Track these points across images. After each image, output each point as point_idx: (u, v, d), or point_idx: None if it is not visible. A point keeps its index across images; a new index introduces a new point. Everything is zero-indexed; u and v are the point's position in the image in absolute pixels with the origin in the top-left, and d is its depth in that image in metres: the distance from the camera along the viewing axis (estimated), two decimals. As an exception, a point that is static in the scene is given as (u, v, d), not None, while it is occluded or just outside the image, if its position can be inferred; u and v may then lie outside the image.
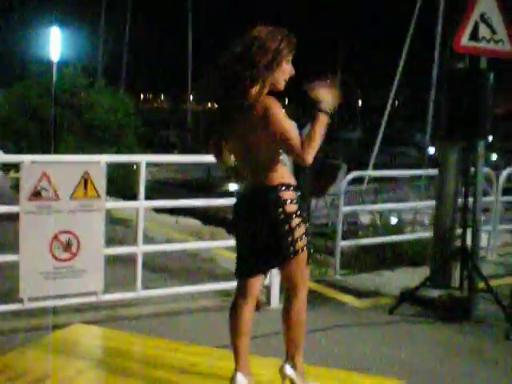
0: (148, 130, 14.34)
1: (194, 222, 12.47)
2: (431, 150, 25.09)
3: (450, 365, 5.41)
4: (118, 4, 32.23)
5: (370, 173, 11.05)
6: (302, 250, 3.68)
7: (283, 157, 3.71)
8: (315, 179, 12.12)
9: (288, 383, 3.96)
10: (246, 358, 3.97)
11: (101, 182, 5.63)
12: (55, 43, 11.49)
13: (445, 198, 6.90)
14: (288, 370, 3.91)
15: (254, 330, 5.72)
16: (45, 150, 9.58)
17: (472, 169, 6.70)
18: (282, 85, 3.65)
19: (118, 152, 9.50)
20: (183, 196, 12.65)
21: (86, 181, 5.57)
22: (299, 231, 3.63)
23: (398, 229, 9.92)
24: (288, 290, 3.92)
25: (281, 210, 3.58)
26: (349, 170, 19.79)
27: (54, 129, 9.94)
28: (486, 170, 8.25)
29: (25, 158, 5.47)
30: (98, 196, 5.64)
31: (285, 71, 3.62)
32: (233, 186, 25.94)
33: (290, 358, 3.89)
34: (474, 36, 6.52)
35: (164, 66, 43.19)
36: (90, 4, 30.92)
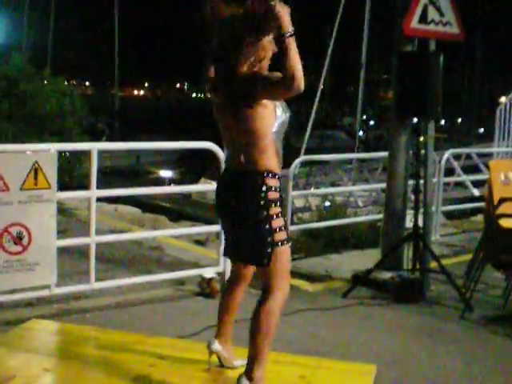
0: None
1: (133, 210, 12.29)
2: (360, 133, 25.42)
3: (412, 346, 5.45)
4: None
5: (318, 157, 11.02)
6: (282, 244, 3.54)
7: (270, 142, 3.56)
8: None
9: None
10: (227, 331, 4.01)
11: (51, 172, 5.42)
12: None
13: (395, 180, 6.93)
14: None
15: (210, 317, 5.69)
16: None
17: (422, 151, 6.76)
18: (263, 67, 3.57)
19: (60, 141, 9.18)
20: (118, 184, 12.43)
21: (36, 171, 5.36)
22: (277, 222, 3.52)
23: (343, 212, 9.94)
24: (264, 286, 3.69)
25: (263, 195, 3.48)
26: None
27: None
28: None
29: (-30, 148, 5.23)
30: (49, 186, 5.43)
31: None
32: (164, 173, 25.82)
33: (247, 365, 3.62)
34: (424, 19, 6.55)
35: (89, 51, 42.40)
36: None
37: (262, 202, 3.48)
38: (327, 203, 11.59)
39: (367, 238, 8.90)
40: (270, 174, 3.52)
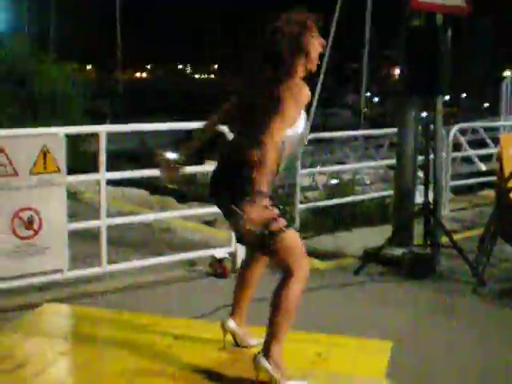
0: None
1: (140, 192, 12.26)
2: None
3: (426, 322, 5.45)
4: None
5: (324, 135, 10.98)
6: (282, 231, 3.48)
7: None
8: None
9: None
10: (242, 310, 4.00)
11: (60, 156, 5.41)
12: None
13: (404, 156, 6.90)
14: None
15: (222, 298, 5.69)
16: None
17: (431, 126, 6.72)
18: (314, 64, 3.63)
19: (63, 124, 9.16)
20: (124, 167, 12.37)
21: (45, 155, 5.34)
22: (270, 213, 3.43)
23: (352, 189, 9.92)
24: (282, 270, 3.67)
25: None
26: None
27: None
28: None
29: (-21, 133, 5.21)
30: (59, 170, 5.42)
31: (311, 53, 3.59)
32: (171, 155, 25.70)
33: (264, 345, 3.60)
34: (430, -8, 6.49)
35: (91, 35, 42.21)
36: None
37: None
38: (334, 181, 11.59)
39: (376, 215, 8.89)
40: None
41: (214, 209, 7.83)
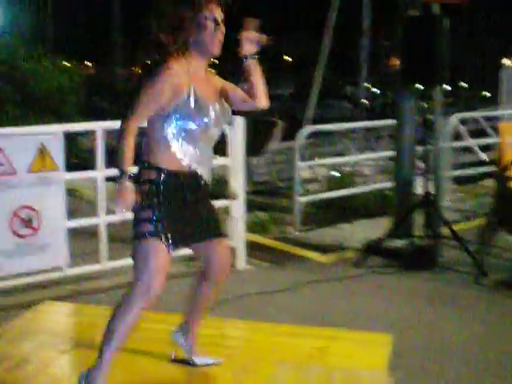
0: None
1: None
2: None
3: (427, 313, 5.43)
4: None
5: (326, 127, 10.94)
6: (140, 238, 3.32)
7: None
8: (252, 138, 12.04)
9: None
10: (189, 322, 3.89)
11: (58, 154, 5.40)
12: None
13: (403, 147, 6.88)
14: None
15: (223, 292, 5.66)
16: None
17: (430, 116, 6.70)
18: (207, 43, 3.32)
19: (60, 122, 9.14)
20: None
21: (42, 153, 5.33)
22: (141, 214, 3.32)
23: (352, 181, 9.90)
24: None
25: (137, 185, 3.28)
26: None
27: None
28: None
29: (-24, 133, 5.20)
30: (57, 168, 5.41)
31: (205, 27, 3.30)
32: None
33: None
34: (427, -19, 6.46)
35: (87, 30, 42.10)
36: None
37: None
38: (334, 173, 11.54)
39: (377, 207, 8.86)
40: (147, 164, 3.32)
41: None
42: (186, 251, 6.43)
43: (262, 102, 3.49)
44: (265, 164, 17.35)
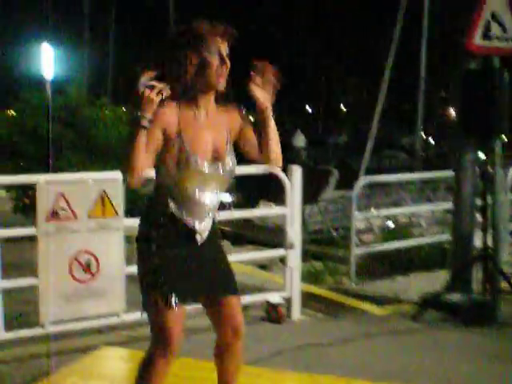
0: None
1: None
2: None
3: (486, 371, 5.28)
4: (102, 20, 32.10)
5: (384, 177, 10.92)
6: (144, 292, 3.26)
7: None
8: (307, 186, 12.05)
9: None
10: None
11: (118, 200, 5.48)
12: (47, 60, 11.33)
13: (462, 200, 6.80)
14: None
15: (278, 343, 5.64)
16: (45, 170, 9.38)
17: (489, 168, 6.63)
18: (209, 80, 3.15)
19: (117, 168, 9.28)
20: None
21: (103, 199, 5.42)
22: (143, 265, 3.27)
23: (408, 233, 9.81)
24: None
25: (138, 235, 3.31)
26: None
27: (50, 147, 9.77)
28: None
29: (40, 178, 5.31)
30: (116, 214, 5.49)
31: (206, 63, 3.12)
32: (224, 197, 25.80)
33: None
34: (486, 35, 6.45)
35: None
36: (76, 20, 30.83)
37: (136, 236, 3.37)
38: (390, 224, 11.46)
39: (433, 259, 8.75)
40: (150, 205, 3.33)
41: (268, 252, 7.85)
42: (241, 300, 6.49)
43: (272, 158, 3.28)
44: (318, 213, 17.35)
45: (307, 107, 53.12)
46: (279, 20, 39.46)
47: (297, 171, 6.30)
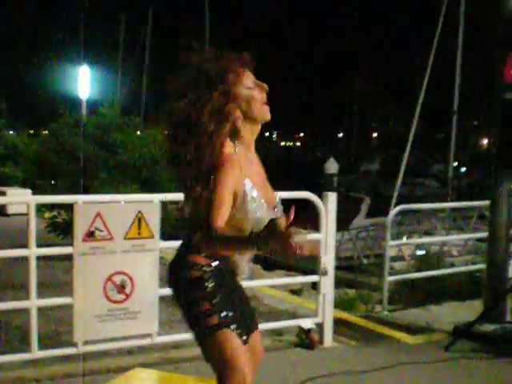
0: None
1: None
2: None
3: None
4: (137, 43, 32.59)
5: (419, 206, 10.89)
6: (213, 330, 3.07)
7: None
8: (339, 213, 12.03)
9: None
10: None
11: (154, 222, 5.52)
12: (84, 81, 11.52)
13: (498, 230, 6.75)
14: None
15: (309, 369, 5.61)
16: (79, 189, 9.51)
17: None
18: (257, 114, 3.13)
19: (150, 190, 9.37)
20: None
21: (139, 220, 5.47)
22: (201, 307, 3.10)
23: (439, 262, 9.74)
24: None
25: (183, 273, 3.17)
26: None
27: (84, 166, 9.92)
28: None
29: (78, 199, 5.38)
30: (152, 236, 5.53)
31: (249, 99, 3.09)
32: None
33: None
34: (525, 65, 6.43)
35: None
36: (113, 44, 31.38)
37: (182, 281, 3.23)
38: (421, 252, 11.38)
39: (466, 289, 8.68)
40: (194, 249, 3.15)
41: (301, 278, 7.84)
42: (274, 325, 6.50)
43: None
44: (349, 240, 17.31)
45: (340, 135, 53.18)
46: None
47: (332, 197, 6.32)
